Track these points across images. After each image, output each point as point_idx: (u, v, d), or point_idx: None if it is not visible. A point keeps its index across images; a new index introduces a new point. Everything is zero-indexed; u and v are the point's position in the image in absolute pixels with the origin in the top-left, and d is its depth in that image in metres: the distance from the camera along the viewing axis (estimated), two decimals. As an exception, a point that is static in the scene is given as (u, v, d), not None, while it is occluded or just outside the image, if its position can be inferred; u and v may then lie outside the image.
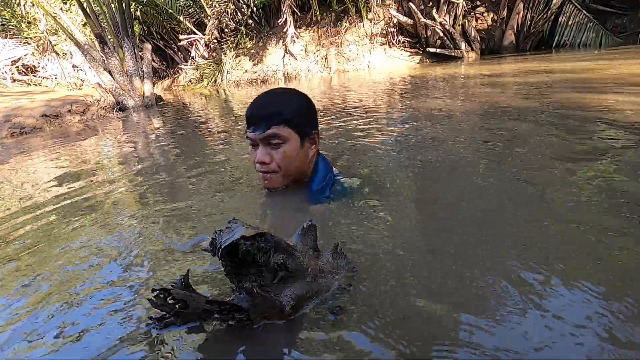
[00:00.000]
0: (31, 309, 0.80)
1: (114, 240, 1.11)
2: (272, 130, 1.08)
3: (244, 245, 0.63)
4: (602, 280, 0.68)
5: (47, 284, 0.90)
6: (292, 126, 1.10)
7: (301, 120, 1.12)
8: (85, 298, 0.82)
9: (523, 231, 0.86)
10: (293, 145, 1.11)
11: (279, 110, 1.08)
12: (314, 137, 1.17)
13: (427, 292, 0.70)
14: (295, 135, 1.11)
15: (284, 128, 1.09)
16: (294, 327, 0.65)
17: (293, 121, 1.09)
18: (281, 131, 1.08)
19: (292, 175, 1.17)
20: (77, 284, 0.88)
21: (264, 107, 1.10)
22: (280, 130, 1.08)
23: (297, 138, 1.12)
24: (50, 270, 0.97)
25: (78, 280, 0.90)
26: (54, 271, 0.96)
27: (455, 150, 1.57)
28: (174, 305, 0.64)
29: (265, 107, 1.10)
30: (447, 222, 0.97)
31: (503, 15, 7.40)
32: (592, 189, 1.04)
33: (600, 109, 1.89)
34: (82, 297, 0.82)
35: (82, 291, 0.85)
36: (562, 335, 0.57)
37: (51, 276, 0.94)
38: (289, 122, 1.09)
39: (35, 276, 0.95)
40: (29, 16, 10.12)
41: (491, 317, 0.62)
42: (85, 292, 0.84)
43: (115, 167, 2.16)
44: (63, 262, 1.00)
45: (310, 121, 1.16)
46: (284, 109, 1.09)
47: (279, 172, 1.14)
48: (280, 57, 9.43)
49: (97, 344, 0.67)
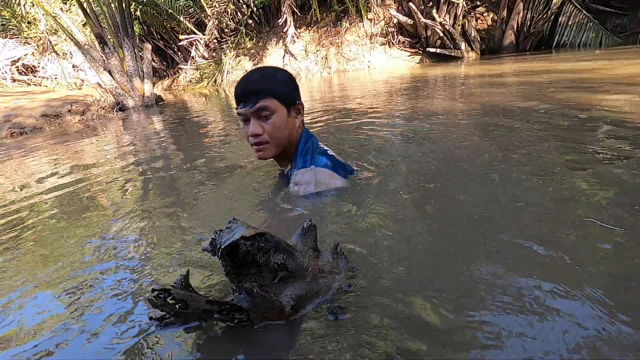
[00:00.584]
0: (30, 309, 0.80)
1: (114, 240, 1.11)
2: (261, 104, 1.16)
3: (244, 245, 0.63)
4: (606, 280, 0.68)
5: (46, 283, 0.90)
6: (279, 98, 1.18)
7: (286, 93, 1.20)
8: (84, 298, 0.82)
9: (523, 229, 0.86)
10: (281, 116, 1.20)
11: (265, 84, 1.17)
12: (299, 107, 1.26)
13: (427, 291, 0.70)
14: (281, 107, 1.19)
15: (272, 100, 1.17)
16: (294, 327, 0.65)
17: (279, 94, 1.18)
18: (269, 103, 1.17)
19: (282, 145, 1.25)
20: (76, 284, 0.88)
21: (252, 83, 1.18)
22: (268, 102, 1.17)
23: (283, 109, 1.20)
24: (48, 269, 0.97)
25: (77, 280, 0.90)
26: (52, 270, 0.96)
27: (455, 149, 1.57)
28: (174, 305, 0.64)
29: (253, 83, 1.18)
30: (447, 220, 0.97)
31: (503, 15, 7.41)
32: (592, 189, 1.04)
33: (600, 109, 1.89)
34: (81, 297, 0.82)
35: (81, 291, 0.85)
36: (563, 336, 0.57)
37: (49, 275, 0.94)
38: (276, 95, 1.17)
39: (34, 276, 0.95)
40: (29, 16, 10.12)
41: (492, 317, 0.62)
42: (85, 292, 0.84)
43: (115, 167, 2.16)
44: (62, 261, 1.00)
45: (294, 93, 1.24)
46: (270, 83, 1.18)
47: (270, 142, 1.22)
48: (280, 57, 9.43)
49: (96, 343, 0.67)
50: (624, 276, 0.68)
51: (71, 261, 1.00)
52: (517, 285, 0.69)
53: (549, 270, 0.71)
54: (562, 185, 1.09)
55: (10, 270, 1.01)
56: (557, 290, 0.66)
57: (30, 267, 1.01)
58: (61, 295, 0.84)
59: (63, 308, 0.79)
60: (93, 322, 0.73)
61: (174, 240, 1.04)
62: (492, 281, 0.70)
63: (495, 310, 0.64)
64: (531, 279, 0.70)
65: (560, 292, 0.66)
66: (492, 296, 0.67)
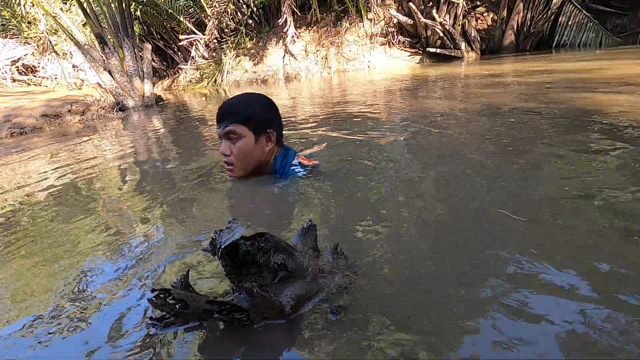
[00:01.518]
0: (30, 308, 0.80)
1: (113, 240, 1.11)
2: (230, 127, 1.29)
3: (244, 245, 0.63)
4: (609, 281, 0.68)
5: (45, 283, 0.90)
6: (248, 125, 1.28)
7: (256, 121, 1.30)
8: (84, 298, 0.82)
9: (523, 228, 0.86)
10: (248, 142, 1.30)
11: (237, 110, 1.28)
12: (269, 135, 1.33)
13: (427, 291, 0.70)
14: (250, 133, 1.29)
15: (240, 126, 1.28)
16: (294, 327, 0.65)
17: (248, 121, 1.28)
18: (237, 128, 1.28)
19: (250, 167, 1.36)
20: (76, 284, 0.88)
21: (227, 107, 1.30)
22: (237, 127, 1.28)
23: (252, 135, 1.30)
24: (47, 270, 0.97)
25: (76, 279, 0.90)
26: (51, 270, 0.96)
27: (455, 148, 1.57)
28: (174, 305, 0.64)
29: (228, 107, 1.30)
30: (446, 219, 0.97)
31: (503, 15, 7.40)
32: (593, 188, 1.04)
33: (600, 109, 1.89)
34: (81, 297, 0.82)
35: (80, 291, 0.85)
36: (564, 336, 0.57)
37: (49, 275, 0.94)
38: (245, 122, 1.28)
39: (33, 276, 0.95)
40: (29, 16, 10.11)
41: (493, 317, 0.62)
42: (84, 292, 0.84)
43: (115, 167, 2.16)
44: (60, 262, 1.00)
45: (267, 121, 1.32)
46: (242, 110, 1.29)
47: (236, 164, 1.34)
48: (280, 57, 9.43)
49: (96, 343, 0.67)
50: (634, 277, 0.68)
51: (70, 261, 1.00)
52: (518, 286, 0.69)
53: (553, 271, 0.71)
54: (562, 184, 1.09)
55: (8, 271, 1.01)
56: (560, 292, 0.66)
57: (28, 268, 1.01)
58: (60, 295, 0.84)
59: (62, 308, 0.79)
60: (93, 323, 0.73)
61: (174, 240, 1.04)
62: (494, 280, 0.70)
63: (496, 310, 0.64)
64: (534, 278, 0.70)
65: (564, 294, 0.66)
66: (494, 296, 0.67)
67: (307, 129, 2.43)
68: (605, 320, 0.58)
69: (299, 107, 3.83)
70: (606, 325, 0.57)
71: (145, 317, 0.71)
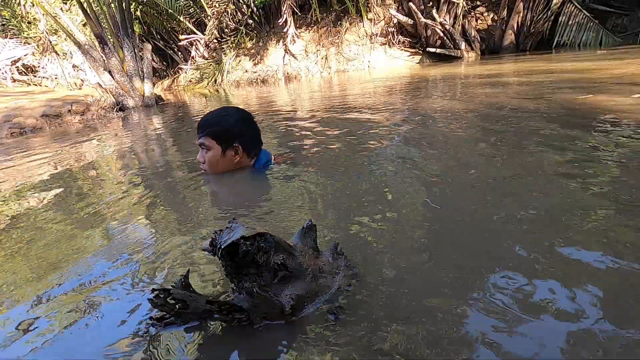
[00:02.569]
0: (29, 308, 0.80)
1: (113, 239, 1.11)
2: (201, 139, 1.46)
3: (244, 245, 0.63)
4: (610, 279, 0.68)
5: (45, 283, 0.90)
6: (216, 139, 1.45)
7: (224, 136, 1.45)
8: (84, 297, 0.82)
9: (523, 227, 0.86)
10: (215, 153, 1.47)
11: (209, 125, 1.45)
12: (236, 149, 1.48)
13: (427, 290, 0.70)
14: (217, 146, 1.46)
15: (209, 139, 1.45)
16: (294, 327, 0.65)
17: (217, 135, 1.45)
18: (207, 141, 1.46)
19: (221, 172, 1.53)
20: (75, 284, 0.88)
21: (202, 121, 1.46)
22: (206, 140, 1.46)
23: (219, 148, 1.46)
24: (47, 270, 0.97)
25: (75, 280, 0.90)
26: (51, 271, 0.96)
27: (454, 147, 1.57)
28: (174, 305, 0.64)
29: (203, 121, 1.46)
30: (446, 219, 0.97)
31: (503, 15, 7.41)
32: (593, 188, 1.04)
33: (600, 109, 1.89)
34: (81, 297, 0.82)
35: (80, 291, 0.85)
36: (565, 336, 0.57)
37: (47, 275, 0.94)
38: (213, 136, 1.45)
39: (31, 275, 0.95)
40: (29, 16, 10.12)
41: (494, 317, 0.62)
42: (84, 292, 0.84)
43: (115, 167, 2.16)
44: (60, 262, 1.00)
45: (234, 136, 1.46)
46: (214, 125, 1.44)
47: (208, 170, 1.53)
48: (281, 57, 9.44)
49: (96, 344, 0.67)
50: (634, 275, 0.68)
51: (69, 261, 1.00)
52: (520, 285, 0.69)
53: (552, 270, 0.71)
54: (562, 184, 1.09)
55: (6, 271, 1.01)
56: (561, 291, 0.66)
57: (27, 267, 1.01)
58: (60, 295, 0.84)
59: (62, 308, 0.79)
60: (93, 323, 0.73)
61: (174, 240, 1.04)
62: (494, 279, 0.70)
63: (497, 310, 0.64)
64: (534, 277, 0.70)
65: (564, 294, 0.66)
66: (494, 295, 0.67)
67: (306, 128, 2.43)
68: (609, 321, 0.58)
69: (298, 106, 3.83)
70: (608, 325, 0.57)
71: (146, 317, 0.71)
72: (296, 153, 1.85)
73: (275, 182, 1.44)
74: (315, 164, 1.61)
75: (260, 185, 1.45)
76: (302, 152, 1.87)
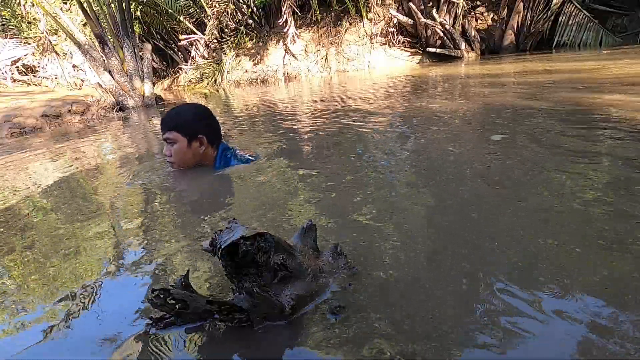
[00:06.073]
0: (29, 309, 0.80)
1: (113, 239, 1.11)
2: (166, 134, 1.55)
3: (244, 245, 0.63)
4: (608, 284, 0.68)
5: (45, 283, 0.90)
6: (180, 132, 1.53)
7: (187, 128, 1.54)
8: (83, 298, 0.82)
9: (523, 225, 0.86)
10: (181, 145, 1.55)
11: (172, 121, 1.54)
12: (200, 139, 1.57)
13: (427, 290, 0.70)
14: (182, 138, 1.54)
15: (174, 133, 1.54)
16: (294, 327, 0.65)
17: (180, 128, 1.53)
18: (172, 135, 1.54)
19: (188, 164, 1.62)
20: (75, 284, 0.88)
21: (165, 118, 1.56)
22: (171, 134, 1.54)
23: (184, 140, 1.55)
24: (47, 270, 0.97)
25: (75, 280, 0.90)
26: (51, 271, 0.96)
27: (455, 147, 1.57)
28: (174, 306, 0.64)
29: (166, 118, 1.56)
30: (445, 218, 0.97)
31: (503, 15, 7.40)
32: (594, 188, 1.04)
33: (600, 109, 1.89)
34: (81, 297, 0.82)
35: (80, 291, 0.85)
36: (565, 336, 0.57)
37: (47, 275, 0.94)
38: (178, 129, 1.53)
39: (31, 276, 0.95)
40: (29, 16, 10.11)
41: (494, 317, 0.62)
42: (84, 293, 0.84)
43: (115, 167, 2.16)
44: (60, 262, 1.00)
45: (199, 129, 1.56)
46: (176, 120, 1.55)
47: (175, 162, 1.61)
48: (281, 57, 9.43)
49: (96, 344, 0.67)
50: (630, 283, 0.68)
51: (68, 262, 1.00)
52: (521, 285, 0.69)
53: (552, 269, 0.71)
54: (562, 184, 1.09)
55: (7, 271, 1.01)
56: (561, 291, 0.66)
57: (27, 268, 1.01)
58: (60, 295, 0.84)
59: (62, 308, 0.79)
60: (93, 323, 0.73)
61: (173, 240, 1.04)
62: (494, 279, 0.70)
63: (497, 310, 0.64)
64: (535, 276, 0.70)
65: (565, 294, 0.66)
66: (494, 295, 0.67)
67: (306, 128, 2.43)
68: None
69: (298, 106, 3.83)
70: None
71: (146, 317, 0.71)
72: (296, 153, 1.85)
73: (275, 182, 1.44)
74: (315, 164, 1.61)
75: (260, 185, 1.45)
76: (302, 152, 1.87)
